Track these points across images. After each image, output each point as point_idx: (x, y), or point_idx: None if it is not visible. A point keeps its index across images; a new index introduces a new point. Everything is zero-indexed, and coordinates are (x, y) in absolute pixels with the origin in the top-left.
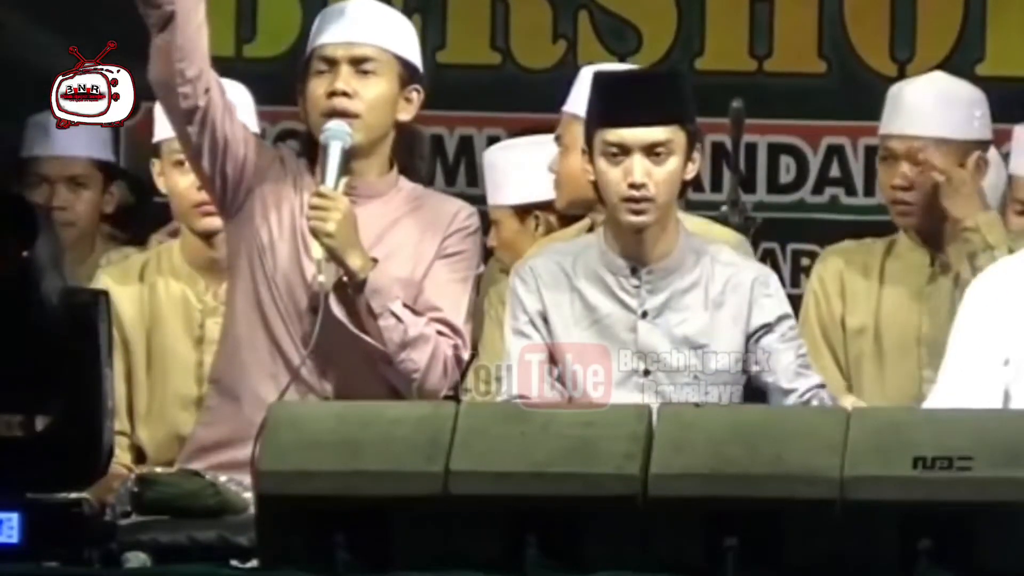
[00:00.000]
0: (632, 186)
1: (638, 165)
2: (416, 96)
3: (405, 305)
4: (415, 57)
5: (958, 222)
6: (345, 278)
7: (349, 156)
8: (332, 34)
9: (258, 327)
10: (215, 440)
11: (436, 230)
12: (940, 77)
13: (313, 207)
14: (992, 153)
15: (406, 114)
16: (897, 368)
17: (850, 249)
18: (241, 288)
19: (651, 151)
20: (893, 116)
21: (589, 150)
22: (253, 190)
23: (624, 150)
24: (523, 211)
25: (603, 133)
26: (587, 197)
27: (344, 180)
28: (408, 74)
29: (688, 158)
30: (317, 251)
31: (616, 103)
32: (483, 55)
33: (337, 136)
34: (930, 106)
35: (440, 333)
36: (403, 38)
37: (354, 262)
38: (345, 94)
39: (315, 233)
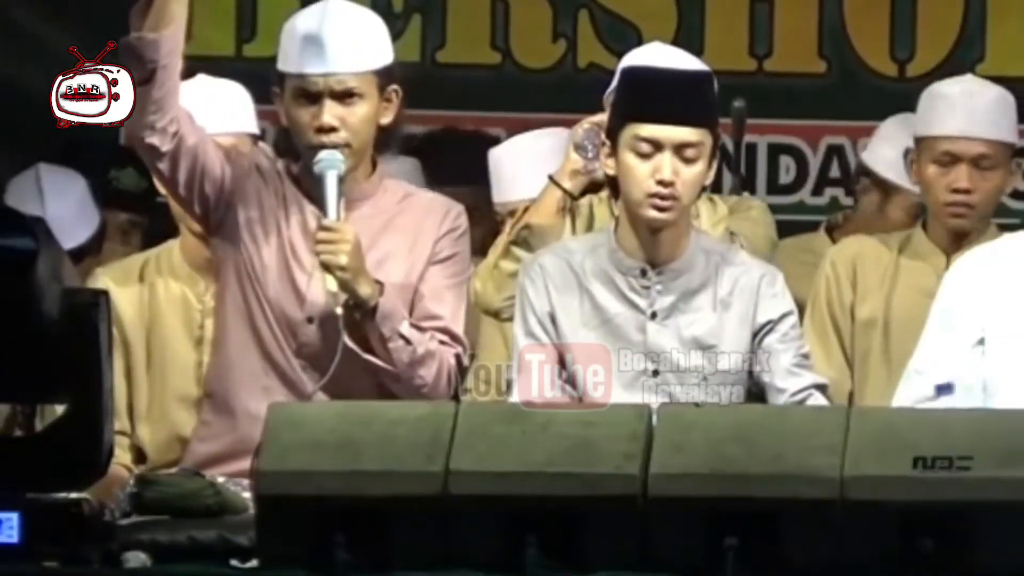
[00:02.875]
0: (661, 183)
1: (668, 163)
2: (395, 96)
3: (412, 324)
4: (388, 55)
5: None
6: (352, 303)
7: (343, 180)
8: (310, 63)
9: (249, 341)
10: (212, 455)
11: (428, 232)
12: (981, 80)
13: (321, 241)
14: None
15: (389, 116)
16: (905, 367)
17: (865, 239)
18: (230, 302)
19: (682, 151)
20: (958, 116)
21: (613, 143)
22: (234, 204)
23: (656, 146)
24: None
25: (635, 128)
26: None
27: (343, 204)
28: (385, 80)
29: (711, 163)
30: (331, 284)
31: (653, 99)
32: (483, 55)
33: (332, 166)
34: (995, 110)
35: (442, 343)
36: (376, 45)
37: (364, 290)
38: (333, 128)
39: (327, 267)
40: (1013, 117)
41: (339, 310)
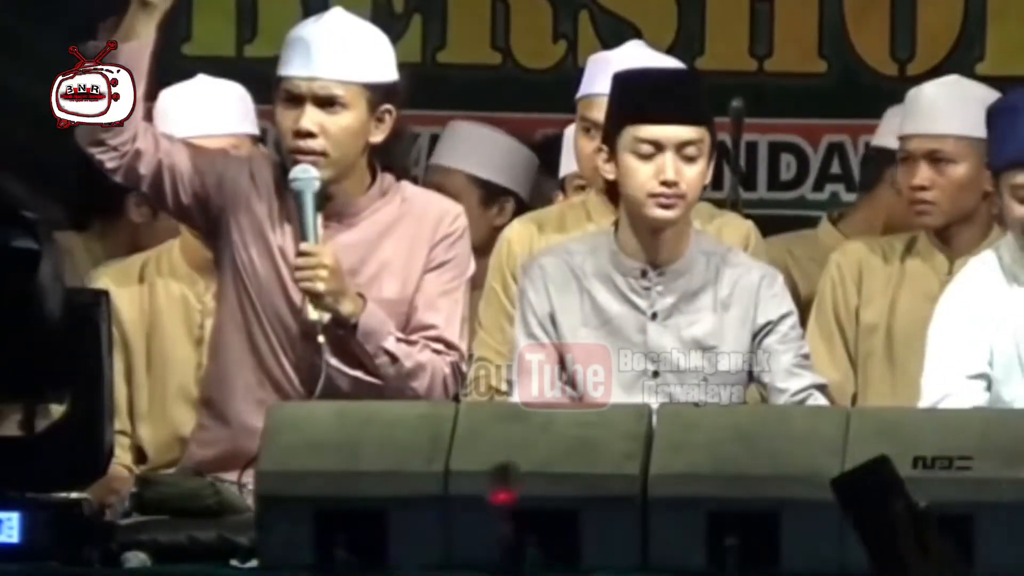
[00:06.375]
0: (665, 183)
1: (671, 162)
2: (389, 116)
3: (399, 339)
4: (386, 75)
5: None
6: (334, 321)
7: (322, 194)
8: (297, 66)
9: (246, 352)
10: (209, 459)
11: (423, 241)
12: (956, 79)
13: (299, 268)
14: None
15: (379, 135)
16: (908, 372)
17: (871, 241)
18: (227, 309)
19: (683, 150)
20: (911, 117)
21: (611, 148)
22: (226, 209)
23: (658, 147)
24: (490, 192)
25: (635, 130)
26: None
27: (320, 222)
28: (378, 97)
29: (710, 161)
30: (312, 313)
31: (650, 100)
32: (483, 55)
33: (306, 186)
34: (946, 105)
35: (436, 351)
36: (371, 61)
37: (346, 308)
38: (310, 134)
39: (307, 294)
40: (978, 110)
41: (321, 339)
